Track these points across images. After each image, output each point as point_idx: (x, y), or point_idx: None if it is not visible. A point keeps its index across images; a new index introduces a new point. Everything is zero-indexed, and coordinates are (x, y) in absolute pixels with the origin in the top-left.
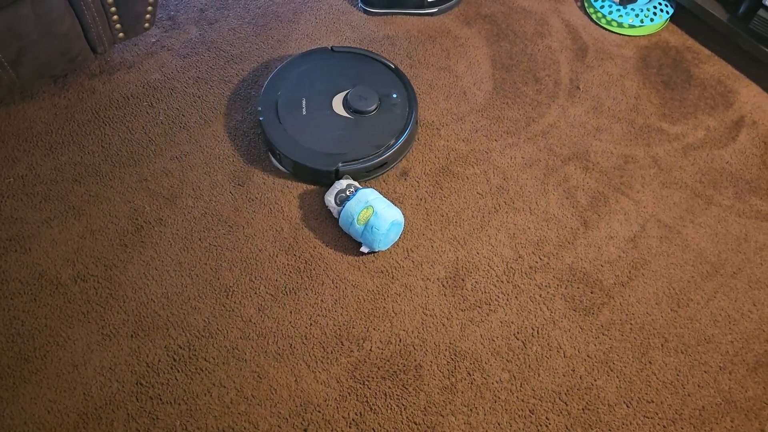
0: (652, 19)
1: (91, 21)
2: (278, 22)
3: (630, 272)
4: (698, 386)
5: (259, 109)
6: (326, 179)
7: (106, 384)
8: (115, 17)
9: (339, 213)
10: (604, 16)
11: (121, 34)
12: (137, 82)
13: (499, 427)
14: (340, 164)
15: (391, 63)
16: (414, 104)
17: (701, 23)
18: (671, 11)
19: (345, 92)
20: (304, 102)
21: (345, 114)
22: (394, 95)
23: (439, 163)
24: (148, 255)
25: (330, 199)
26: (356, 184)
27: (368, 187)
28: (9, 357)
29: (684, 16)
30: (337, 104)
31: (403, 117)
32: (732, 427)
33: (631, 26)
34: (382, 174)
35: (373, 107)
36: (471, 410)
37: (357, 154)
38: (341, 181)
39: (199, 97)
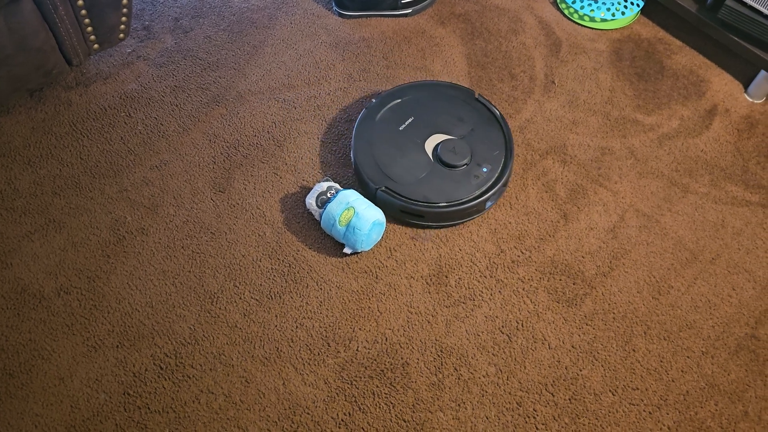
0: (623, 13)
1: (65, 33)
2: (253, 28)
3: (611, 262)
4: (682, 371)
5: (368, 106)
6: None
7: (93, 396)
8: (90, 29)
9: (320, 215)
10: (576, 11)
11: (96, 46)
12: (114, 93)
13: (487, 420)
14: (382, 187)
15: (509, 138)
16: (502, 182)
17: (671, 15)
18: (642, 4)
19: (447, 138)
20: (409, 121)
21: (430, 157)
22: (485, 169)
23: None
24: (131, 265)
25: (311, 201)
26: (337, 185)
27: (349, 188)
28: None
29: (654, 8)
30: (431, 144)
31: (484, 185)
32: (716, 410)
33: (603, 20)
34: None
35: (461, 164)
36: (459, 405)
37: (422, 196)
38: (321, 183)
39: (176, 105)
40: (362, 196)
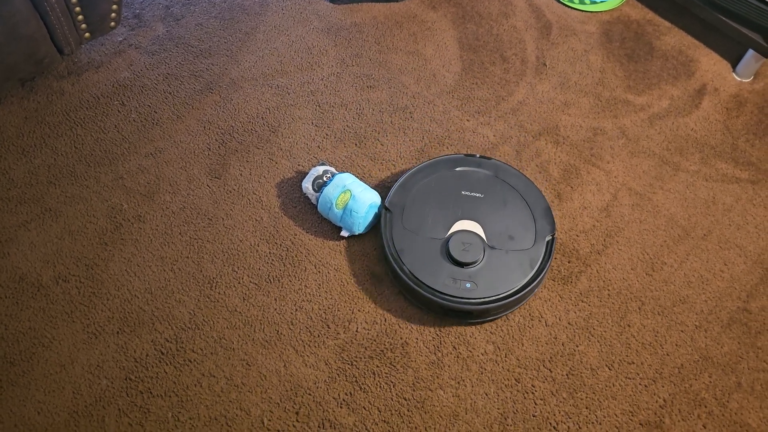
0: None
1: (56, 22)
2: (245, 15)
3: (605, 240)
4: (676, 345)
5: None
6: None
7: (94, 381)
8: (80, 17)
9: (317, 199)
10: None
11: (87, 34)
12: (107, 82)
13: (486, 397)
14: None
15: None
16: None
17: None
18: None
19: (472, 227)
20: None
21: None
22: (468, 285)
23: (414, 146)
24: (128, 252)
25: (307, 185)
26: (333, 169)
27: (345, 172)
28: None
29: None
30: (455, 228)
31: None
32: (710, 381)
33: (593, 2)
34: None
35: (472, 262)
36: (458, 383)
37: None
38: (317, 167)
39: (170, 93)
40: (358, 179)
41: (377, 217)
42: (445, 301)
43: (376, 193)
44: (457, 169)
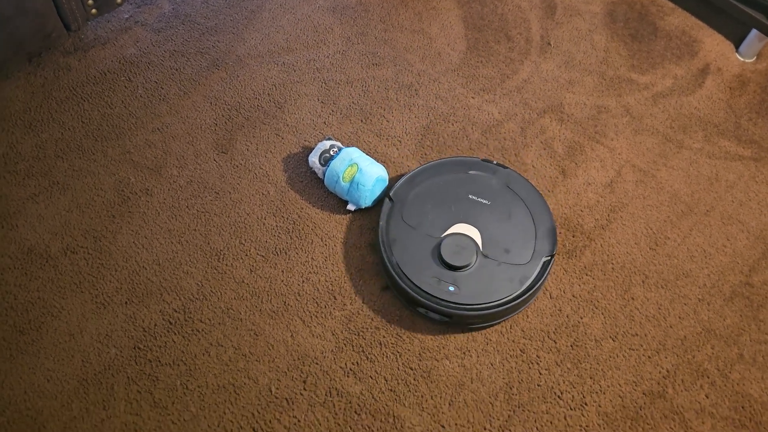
0: None
1: None
2: None
3: (609, 215)
4: (679, 318)
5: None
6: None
7: (103, 350)
8: None
9: (324, 173)
10: None
11: (93, 11)
12: (113, 58)
13: (492, 367)
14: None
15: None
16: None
17: None
18: None
19: (470, 232)
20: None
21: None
22: (451, 288)
23: (419, 123)
24: (136, 224)
25: (314, 159)
26: (339, 144)
27: (351, 146)
28: (4, 330)
29: None
30: (452, 229)
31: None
32: (713, 353)
33: None
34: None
35: (460, 266)
36: (464, 353)
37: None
38: (324, 141)
39: (176, 69)
40: (365, 154)
41: (384, 192)
42: (424, 299)
43: (383, 167)
44: (471, 172)
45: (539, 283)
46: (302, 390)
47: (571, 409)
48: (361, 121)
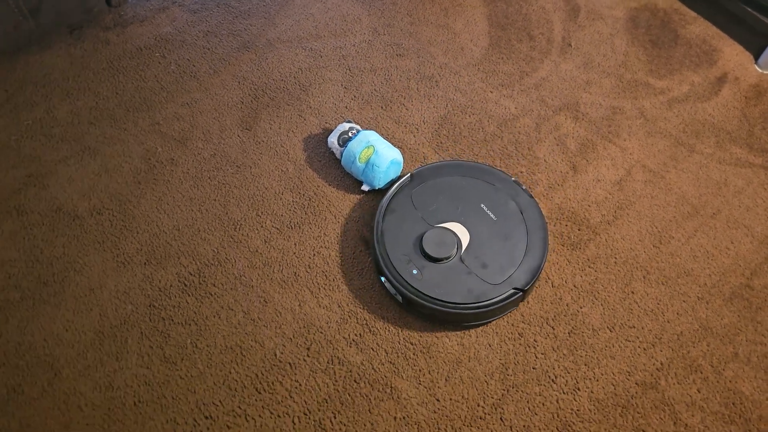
0: None
1: None
2: None
3: (615, 212)
4: (677, 314)
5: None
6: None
7: (120, 306)
8: None
9: (341, 153)
10: None
11: None
12: (150, 35)
13: (489, 347)
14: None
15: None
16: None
17: None
18: None
19: (462, 234)
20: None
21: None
22: (414, 271)
23: (437, 112)
24: (160, 191)
25: (333, 140)
26: (358, 126)
27: (370, 129)
28: (29, 281)
29: None
30: (448, 225)
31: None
32: (708, 350)
33: None
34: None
35: (433, 258)
36: (464, 332)
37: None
38: (344, 123)
39: (209, 49)
40: (382, 137)
41: (397, 175)
42: (387, 270)
43: (399, 151)
44: (497, 185)
45: (494, 307)
46: (305, 356)
47: (563, 393)
48: (382, 107)
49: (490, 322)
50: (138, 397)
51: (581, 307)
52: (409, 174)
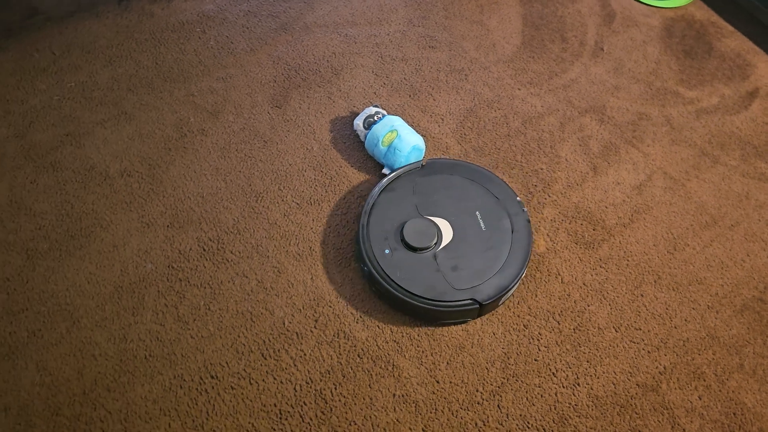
0: None
1: None
2: None
3: (632, 215)
4: (685, 320)
5: (423, 164)
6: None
7: (141, 264)
8: None
9: (365, 136)
10: None
11: None
12: (192, 11)
13: (493, 336)
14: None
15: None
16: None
17: (727, 1)
18: None
19: (446, 232)
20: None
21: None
22: (387, 251)
23: (464, 105)
24: (188, 159)
25: (359, 122)
26: (384, 111)
27: (395, 115)
28: (58, 233)
29: None
30: (437, 220)
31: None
32: (713, 359)
33: None
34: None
35: (408, 245)
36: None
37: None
38: (370, 108)
39: (247, 28)
40: (406, 123)
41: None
42: (362, 243)
43: (422, 138)
44: (499, 198)
45: (446, 310)
46: (313, 328)
47: (563, 387)
48: (410, 96)
49: (440, 324)
50: (149, 351)
51: (589, 305)
52: (421, 162)
